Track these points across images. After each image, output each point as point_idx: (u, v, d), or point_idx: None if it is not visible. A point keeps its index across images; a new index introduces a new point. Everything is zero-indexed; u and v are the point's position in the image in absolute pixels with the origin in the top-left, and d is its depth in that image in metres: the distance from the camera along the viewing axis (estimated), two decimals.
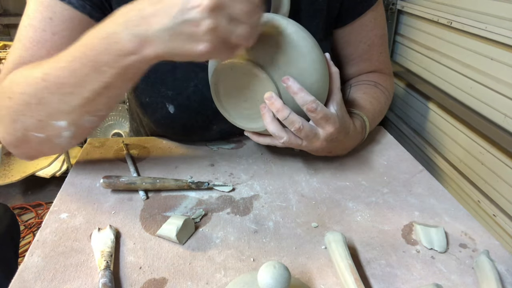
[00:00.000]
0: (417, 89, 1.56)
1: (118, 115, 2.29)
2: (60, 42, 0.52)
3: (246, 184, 0.62)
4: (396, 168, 0.67)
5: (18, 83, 0.49)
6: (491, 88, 1.14)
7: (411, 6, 1.51)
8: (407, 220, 0.54)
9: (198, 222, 0.53)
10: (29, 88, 0.47)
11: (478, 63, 1.19)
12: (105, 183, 0.57)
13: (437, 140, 1.46)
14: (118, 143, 0.72)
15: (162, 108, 0.64)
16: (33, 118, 0.48)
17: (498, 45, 1.09)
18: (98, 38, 0.42)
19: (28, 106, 0.47)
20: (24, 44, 0.53)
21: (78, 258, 0.46)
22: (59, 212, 0.54)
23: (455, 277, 0.45)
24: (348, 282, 0.42)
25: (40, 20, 0.52)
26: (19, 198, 2.09)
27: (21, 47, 0.53)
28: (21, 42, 0.53)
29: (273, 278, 0.32)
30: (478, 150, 1.21)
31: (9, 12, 2.09)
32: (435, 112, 1.46)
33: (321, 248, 0.49)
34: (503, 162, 1.11)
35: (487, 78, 1.16)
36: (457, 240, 0.51)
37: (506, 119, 1.09)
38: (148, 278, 0.44)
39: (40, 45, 0.52)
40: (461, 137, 1.30)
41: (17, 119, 0.49)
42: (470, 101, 1.23)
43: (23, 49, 0.53)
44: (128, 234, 0.51)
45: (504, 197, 1.12)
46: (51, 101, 0.46)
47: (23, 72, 0.49)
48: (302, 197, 0.59)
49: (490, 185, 1.17)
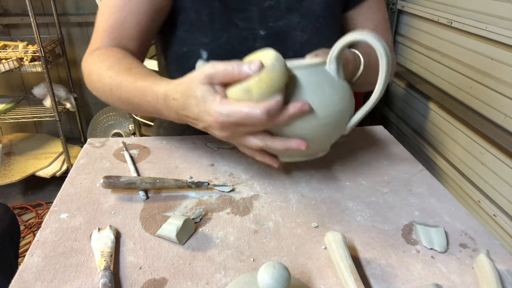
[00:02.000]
0: (417, 89, 1.56)
1: (118, 115, 2.29)
2: (135, 7, 0.67)
3: (246, 184, 0.62)
4: (396, 168, 0.67)
5: (92, 79, 0.65)
6: (491, 88, 1.14)
7: (411, 6, 1.51)
8: (407, 220, 0.54)
9: (198, 222, 0.53)
10: (100, 87, 0.64)
11: (478, 63, 1.19)
12: (105, 183, 0.57)
13: (437, 140, 1.46)
14: (118, 143, 0.72)
15: (197, 55, 0.72)
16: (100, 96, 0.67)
17: (498, 45, 1.09)
18: (156, 97, 0.55)
19: (96, 93, 0.66)
20: (108, 10, 0.68)
21: (78, 258, 0.46)
22: (59, 212, 0.54)
23: (455, 277, 0.45)
24: (348, 282, 0.42)
25: None
26: (19, 198, 2.09)
27: (105, 15, 0.68)
28: (107, 9, 0.68)
29: (273, 278, 0.32)
30: (478, 150, 1.21)
31: (9, 12, 2.09)
32: (435, 112, 1.46)
33: (321, 248, 0.49)
34: (503, 162, 1.11)
35: (487, 78, 1.16)
36: (457, 240, 0.51)
37: (506, 119, 1.09)
38: (148, 278, 0.44)
39: (119, 12, 0.67)
40: (461, 137, 1.29)
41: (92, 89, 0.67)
42: (470, 101, 1.23)
43: (107, 16, 0.67)
44: (128, 234, 0.51)
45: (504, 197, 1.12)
46: (110, 101, 0.65)
47: (100, 73, 0.62)
48: (302, 197, 0.59)
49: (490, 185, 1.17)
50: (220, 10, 0.71)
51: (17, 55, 1.83)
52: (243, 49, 0.73)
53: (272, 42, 0.74)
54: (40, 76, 2.03)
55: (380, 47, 0.50)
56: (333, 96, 0.52)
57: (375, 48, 0.50)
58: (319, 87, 0.51)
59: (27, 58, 1.86)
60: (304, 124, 0.50)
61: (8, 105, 2.01)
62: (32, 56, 1.85)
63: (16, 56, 1.83)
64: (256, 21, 0.73)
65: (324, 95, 0.51)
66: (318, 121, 0.51)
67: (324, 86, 0.52)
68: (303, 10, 0.73)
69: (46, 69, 1.83)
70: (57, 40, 2.03)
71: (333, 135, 0.56)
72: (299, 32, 0.74)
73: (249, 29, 0.73)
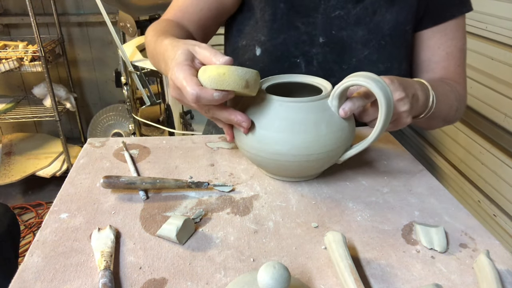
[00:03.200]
0: None
1: (118, 115, 2.29)
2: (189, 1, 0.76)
3: (246, 184, 0.62)
4: (396, 168, 0.67)
5: (146, 38, 0.74)
6: (491, 87, 1.14)
7: None
8: (407, 220, 0.54)
9: (198, 222, 0.53)
10: (148, 44, 0.73)
11: (478, 63, 1.19)
12: (105, 183, 0.57)
13: (437, 140, 1.46)
14: (118, 143, 0.72)
15: (252, 50, 0.76)
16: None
17: (498, 45, 1.09)
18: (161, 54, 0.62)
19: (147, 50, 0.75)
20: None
21: (78, 258, 0.46)
22: (59, 212, 0.54)
23: (455, 277, 0.45)
24: (348, 282, 0.42)
25: None
26: (19, 198, 2.10)
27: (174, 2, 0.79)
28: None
29: (273, 278, 0.32)
30: (478, 150, 1.21)
31: (9, 12, 2.09)
32: None
33: (321, 248, 0.49)
34: (503, 162, 1.11)
35: (487, 77, 1.16)
36: (457, 240, 0.51)
37: (506, 119, 1.09)
38: (148, 278, 0.44)
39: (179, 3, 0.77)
40: (461, 137, 1.30)
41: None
42: (470, 101, 1.23)
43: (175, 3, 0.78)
44: (128, 234, 0.51)
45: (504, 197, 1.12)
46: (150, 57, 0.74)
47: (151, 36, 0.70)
48: (302, 197, 0.59)
49: (490, 185, 1.17)
50: (284, 11, 0.72)
51: (17, 55, 1.84)
52: (297, 52, 0.73)
53: (329, 51, 0.73)
54: (40, 76, 2.03)
55: (380, 96, 0.51)
56: (329, 135, 0.55)
57: (374, 94, 0.51)
58: (315, 125, 0.54)
59: (27, 58, 1.86)
60: (295, 153, 0.54)
61: (8, 105, 2.01)
62: (32, 56, 1.85)
63: (16, 56, 1.83)
64: (319, 27, 0.72)
65: (318, 133, 0.54)
66: (309, 155, 0.54)
67: (321, 124, 0.54)
68: (372, 25, 0.71)
69: (46, 69, 1.83)
70: (57, 40, 2.03)
71: (324, 165, 0.59)
72: (360, 46, 0.72)
73: (309, 33, 0.72)
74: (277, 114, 0.54)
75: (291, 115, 0.54)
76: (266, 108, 0.55)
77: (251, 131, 0.55)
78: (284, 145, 0.54)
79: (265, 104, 0.55)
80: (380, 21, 0.71)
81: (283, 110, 0.54)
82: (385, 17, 0.71)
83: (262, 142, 0.55)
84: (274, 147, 0.54)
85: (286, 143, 0.54)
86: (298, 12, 0.72)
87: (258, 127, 0.55)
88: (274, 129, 0.54)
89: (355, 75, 0.52)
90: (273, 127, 0.54)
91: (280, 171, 0.60)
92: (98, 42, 2.24)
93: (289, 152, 0.54)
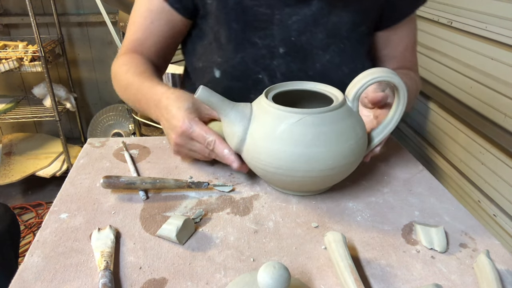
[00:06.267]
0: None
1: (118, 115, 2.29)
2: (156, 29, 0.75)
3: (246, 184, 0.62)
4: (396, 168, 0.67)
5: (115, 79, 0.75)
6: (491, 87, 1.14)
7: None
8: (407, 220, 0.54)
9: (198, 222, 0.53)
10: (119, 86, 0.74)
11: (478, 63, 1.19)
12: (105, 183, 0.57)
13: (437, 140, 1.46)
14: (118, 143, 0.72)
15: (210, 73, 0.75)
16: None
17: (498, 45, 1.09)
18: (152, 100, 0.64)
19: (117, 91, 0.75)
20: (134, 27, 0.76)
21: (78, 258, 0.46)
22: (59, 212, 0.54)
23: (455, 277, 0.45)
24: (348, 282, 0.42)
25: (144, 11, 0.75)
26: (19, 198, 2.09)
27: (132, 30, 0.77)
28: (133, 25, 0.77)
29: (273, 278, 0.32)
30: (478, 150, 1.21)
31: (9, 12, 2.09)
32: (435, 112, 1.46)
33: (321, 248, 0.49)
34: (503, 162, 1.11)
35: (487, 77, 1.16)
36: (457, 240, 0.51)
37: (506, 118, 1.09)
38: (148, 278, 0.44)
39: (142, 31, 0.75)
40: (461, 137, 1.30)
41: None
42: (470, 101, 1.23)
43: (133, 31, 0.77)
44: (128, 234, 0.51)
45: (504, 197, 1.12)
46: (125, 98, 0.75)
47: (120, 74, 0.73)
48: (302, 197, 0.59)
49: (490, 185, 1.17)
50: (238, 31, 0.71)
51: (17, 55, 1.83)
52: (258, 68, 0.72)
53: (291, 60, 0.72)
54: (40, 76, 2.03)
55: (402, 86, 0.54)
56: (349, 148, 0.53)
57: (399, 89, 0.54)
58: (335, 138, 0.52)
59: (27, 58, 1.86)
60: (311, 167, 0.52)
61: (8, 105, 2.01)
62: (32, 56, 1.85)
63: (16, 56, 1.83)
64: (277, 38, 0.71)
65: (337, 147, 0.52)
66: (324, 168, 0.52)
67: (341, 136, 0.52)
68: (329, 26, 0.71)
69: (46, 69, 1.82)
70: (57, 40, 2.03)
71: (337, 178, 0.57)
72: (321, 51, 0.72)
73: (268, 46, 0.71)
74: (294, 129, 0.51)
75: (309, 130, 0.51)
76: (277, 123, 0.52)
77: (263, 148, 0.53)
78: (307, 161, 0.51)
79: (278, 120, 0.52)
80: (337, 21, 0.71)
81: (301, 124, 0.51)
82: (342, 18, 0.71)
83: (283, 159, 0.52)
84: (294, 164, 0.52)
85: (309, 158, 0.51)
86: (254, 28, 0.70)
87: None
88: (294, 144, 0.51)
89: (370, 73, 0.53)
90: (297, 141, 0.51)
91: (296, 187, 0.58)
92: (98, 42, 2.23)
93: (308, 161, 0.52)
